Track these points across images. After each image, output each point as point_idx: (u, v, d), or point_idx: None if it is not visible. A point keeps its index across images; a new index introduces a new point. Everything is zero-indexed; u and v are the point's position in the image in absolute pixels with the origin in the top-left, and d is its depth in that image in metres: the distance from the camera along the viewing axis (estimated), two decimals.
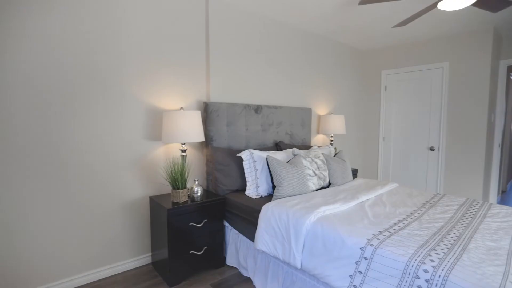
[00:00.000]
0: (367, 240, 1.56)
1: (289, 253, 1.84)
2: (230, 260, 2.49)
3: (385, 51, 4.49)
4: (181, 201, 2.23)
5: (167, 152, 2.55)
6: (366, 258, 1.50)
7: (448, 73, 3.88)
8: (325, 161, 2.80)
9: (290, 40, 3.46)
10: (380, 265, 1.44)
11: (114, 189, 2.29)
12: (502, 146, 4.50)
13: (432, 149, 4.08)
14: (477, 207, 2.17)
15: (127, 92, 2.29)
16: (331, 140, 3.93)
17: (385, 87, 4.52)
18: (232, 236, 2.48)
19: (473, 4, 2.03)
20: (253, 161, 2.51)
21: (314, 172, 2.59)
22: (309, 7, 2.91)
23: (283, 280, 1.99)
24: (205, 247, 2.32)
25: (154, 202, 2.31)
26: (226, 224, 2.51)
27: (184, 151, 2.41)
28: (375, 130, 4.71)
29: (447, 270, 1.28)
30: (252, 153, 2.54)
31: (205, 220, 2.30)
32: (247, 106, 2.92)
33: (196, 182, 2.35)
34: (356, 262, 1.53)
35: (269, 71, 3.25)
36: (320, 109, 3.98)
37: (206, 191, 2.62)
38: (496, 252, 1.46)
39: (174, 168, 2.24)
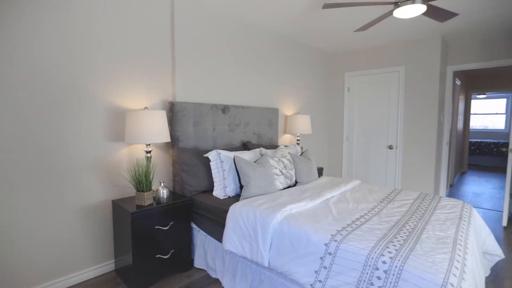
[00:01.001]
0: (331, 236, 1.62)
1: (257, 252, 1.85)
2: (198, 262, 2.45)
3: (348, 54, 4.70)
4: (146, 204, 2.16)
5: (131, 154, 2.45)
6: (330, 254, 1.56)
7: (404, 77, 4.16)
8: (291, 160, 2.86)
9: (258, 41, 3.49)
10: (343, 259, 1.51)
11: (73, 193, 2.15)
12: (449, 144, 4.92)
13: (390, 147, 4.35)
14: (429, 201, 2.35)
15: (88, 91, 2.16)
16: (298, 140, 4.03)
17: (348, 88, 4.74)
18: (200, 237, 2.45)
19: (423, 14, 2.19)
20: (220, 162, 2.50)
21: (281, 171, 2.64)
22: (276, 9, 2.96)
23: (252, 280, 2.01)
24: (172, 250, 2.26)
25: (117, 206, 2.21)
26: (194, 225, 2.47)
27: (149, 152, 2.33)
28: (339, 129, 4.91)
29: (402, 260, 1.37)
30: (219, 153, 2.53)
31: (172, 222, 2.25)
32: (214, 106, 2.90)
33: (162, 184, 2.29)
34: (321, 258, 1.58)
35: (237, 71, 3.25)
36: (287, 109, 4.06)
37: (172, 193, 2.56)
38: (444, 241, 1.59)
39: (138, 170, 2.16)
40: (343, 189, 2.64)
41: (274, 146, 3.39)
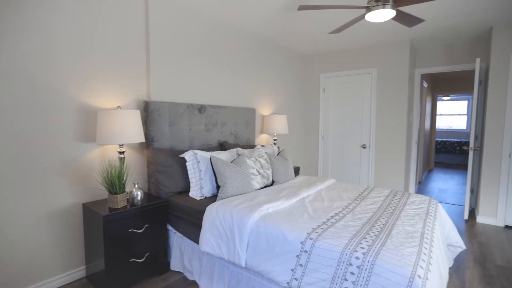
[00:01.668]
0: (306, 234, 1.66)
1: (234, 253, 1.85)
2: (174, 265, 2.41)
3: (323, 56, 4.81)
4: (119, 207, 2.09)
5: (103, 155, 2.36)
6: (306, 251, 1.59)
7: (376, 78, 4.32)
8: (268, 160, 2.88)
9: (235, 41, 3.48)
10: (319, 257, 1.55)
11: (41, 197, 2.03)
12: (418, 143, 5.18)
13: (364, 146, 4.50)
14: (399, 197, 2.46)
15: (56, 89, 2.05)
16: (275, 140, 4.07)
17: (324, 89, 4.85)
18: (176, 239, 2.41)
19: (393, 18, 2.29)
20: (196, 162, 2.47)
21: (258, 171, 2.66)
22: (253, 9, 2.97)
23: (229, 280, 2.00)
24: (147, 254, 2.21)
25: (88, 209, 2.12)
26: (170, 227, 2.42)
27: (122, 153, 2.26)
28: (315, 129, 5.02)
29: (374, 255, 1.43)
30: (196, 153, 2.50)
31: (147, 225, 2.19)
32: (190, 106, 2.85)
33: (136, 186, 2.22)
34: (297, 256, 1.61)
35: (214, 71, 3.22)
36: (264, 110, 4.09)
37: (147, 195, 2.49)
38: (412, 235, 1.67)
39: (111, 172, 2.08)
40: (319, 187, 2.70)
41: (251, 146, 3.40)
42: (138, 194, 2.19)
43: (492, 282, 2.32)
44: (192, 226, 2.21)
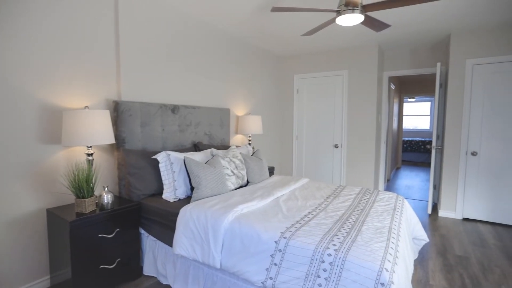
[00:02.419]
0: (280, 233, 1.68)
1: (208, 254, 1.84)
2: (147, 270, 2.34)
3: (297, 57, 4.90)
4: (87, 211, 1.99)
5: (69, 157, 2.24)
6: (280, 250, 1.62)
7: (347, 80, 4.47)
8: (243, 160, 2.89)
9: (210, 40, 3.45)
10: (293, 255, 1.58)
11: None
12: (386, 142, 5.43)
13: (336, 146, 4.64)
14: (369, 195, 2.57)
15: (15, 86, 1.92)
16: (249, 140, 4.08)
17: (297, 90, 4.94)
18: (149, 243, 2.34)
19: (362, 23, 2.39)
20: (170, 163, 2.42)
21: (232, 172, 2.65)
22: (228, 9, 2.96)
23: (204, 283, 1.98)
24: (118, 259, 2.13)
25: (53, 215, 2.00)
26: (142, 231, 2.35)
27: (91, 154, 2.16)
28: (289, 130, 5.10)
29: (345, 252, 1.48)
30: (169, 154, 2.45)
31: (118, 229, 2.11)
32: (163, 106, 2.79)
33: (106, 189, 2.14)
34: (271, 255, 1.63)
35: (187, 71, 3.17)
36: (239, 110, 4.09)
37: (118, 198, 2.40)
38: (381, 231, 1.76)
39: (78, 175, 1.98)
40: (293, 187, 2.75)
41: (225, 147, 3.39)
42: (108, 198, 2.10)
43: (451, 271, 2.50)
44: (165, 229, 2.16)
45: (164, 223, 2.17)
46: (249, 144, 4.05)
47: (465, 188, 3.79)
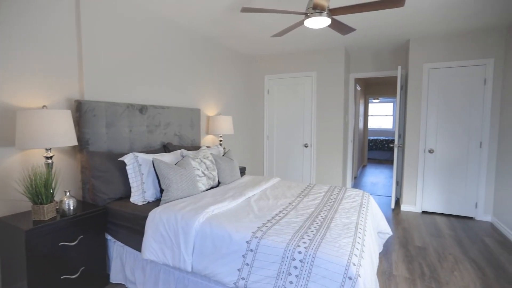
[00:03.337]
0: (252, 233, 1.69)
1: (179, 258, 1.80)
2: (115, 277, 2.24)
3: (268, 58, 4.95)
4: (46, 218, 1.86)
5: (25, 160, 2.08)
6: (252, 250, 1.63)
7: (316, 81, 4.60)
8: (214, 161, 2.87)
9: (180, 40, 3.37)
10: (264, 254, 1.59)
11: None
12: (353, 141, 5.66)
13: (306, 145, 4.76)
14: (337, 192, 2.66)
15: None
16: (220, 141, 4.05)
17: (268, 90, 4.99)
18: (117, 249, 2.25)
19: (329, 26, 2.47)
20: (138, 165, 2.33)
21: (203, 173, 2.62)
22: (197, 8, 2.91)
23: (175, 287, 1.94)
24: (82, 268, 2.01)
25: (5, 225, 1.85)
26: (109, 237, 2.25)
27: (50, 157, 2.02)
28: (260, 130, 5.14)
29: (315, 248, 1.53)
30: (137, 156, 2.36)
31: (81, 236, 2.00)
32: (130, 106, 2.69)
33: (68, 194, 2.01)
34: (243, 256, 1.64)
35: (156, 70, 3.07)
36: (209, 110, 4.05)
37: (82, 203, 2.27)
38: (348, 226, 1.83)
39: (36, 180, 1.85)
40: (264, 186, 2.78)
41: (196, 147, 3.34)
42: (70, 203, 1.98)
43: (412, 261, 2.67)
44: (134, 234, 2.08)
45: (132, 227, 2.09)
46: (220, 144, 4.03)
47: (424, 183, 4.06)
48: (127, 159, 2.31)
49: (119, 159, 2.34)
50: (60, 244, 1.88)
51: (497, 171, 3.62)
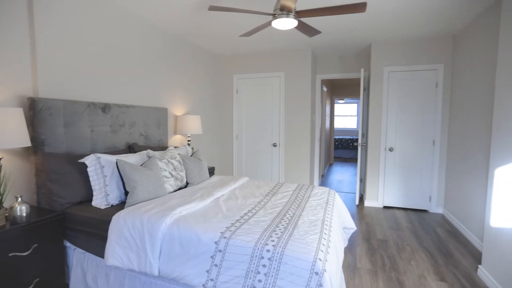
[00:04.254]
0: (220, 234, 1.68)
1: (145, 262, 1.75)
2: (75, 286, 2.11)
3: (236, 57, 4.94)
4: None
5: None
6: (220, 251, 1.62)
7: (284, 82, 4.68)
8: (181, 161, 2.81)
9: (146, 37, 3.25)
10: (233, 254, 1.59)
11: None
12: (320, 140, 5.85)
13: (274, 145, 4.82)
14: (305, 190, 2.73)
15: None
16: (189, 141, 3.98)
17: (237, 90, 4.99)
18: (77, 256, 2.12)
19: (296, 28, 2.53)
20: (100, 167, 2.22)
21: (170, 174, 2.56)
22: (165, 6, 2.83)
23: None
24: (37, 279, 1.87)
25: None
26: (68, 244, 2.11)
27: None
28: (229, 129, 5.12)
29: (283, 246, 1.56)
30: (99, 157, 2.24)
31: (35, 245, 1.86)
32: (92, 104, 2.54)
33: (19, 199, 1.86)
34: (211, 257, 1.62)
35: (120, 67, 2.94)
36: (177, 110, 3.95)
37: (36, 209, 2.11)
38: (315, 223, 1.89)
39: None
40: (233, 186, 2.77)
41: (163, 148, 3.25)
42: (22, 209, 1.83)
43: (374, 254, 2.82)
44: (96, 239, 1.98)
45: (94, 232, 1.99)
46: (188, 144, 3.95)
47: (385, 179, 4.31)
48: (88, 160, 2.19)
49: (79, 160, 2.21)
50: (10, 255, 1.73)
51: (447, 167, 3.94)
